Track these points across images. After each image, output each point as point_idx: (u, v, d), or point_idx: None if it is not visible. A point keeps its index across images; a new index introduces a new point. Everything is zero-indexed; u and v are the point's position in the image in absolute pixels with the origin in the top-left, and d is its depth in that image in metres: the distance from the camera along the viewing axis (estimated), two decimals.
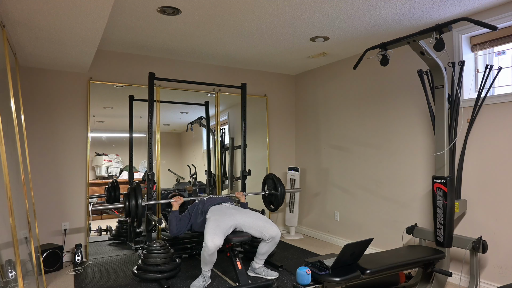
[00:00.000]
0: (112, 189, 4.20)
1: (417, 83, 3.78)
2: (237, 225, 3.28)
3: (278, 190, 4.09)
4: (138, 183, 3.57)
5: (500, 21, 3.06)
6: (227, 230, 3.18)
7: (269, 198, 4.30)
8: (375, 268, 2.57)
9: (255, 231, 3.28)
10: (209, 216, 3.30)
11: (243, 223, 3.30)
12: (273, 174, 4.23)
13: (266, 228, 3.29)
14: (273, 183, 4.18)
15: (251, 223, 3.30)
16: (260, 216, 3.43)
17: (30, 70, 3.94)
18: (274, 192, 4.16)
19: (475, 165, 3.27)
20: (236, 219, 3.28)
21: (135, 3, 2.92)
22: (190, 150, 4.96)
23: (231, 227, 3.23)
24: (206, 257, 3.07)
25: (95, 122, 4.26)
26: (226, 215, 3.29)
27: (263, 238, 3.31)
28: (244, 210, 3.50)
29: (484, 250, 2.83)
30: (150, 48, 4.25)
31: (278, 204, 4.15)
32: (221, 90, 5.06)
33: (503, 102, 3.07)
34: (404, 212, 3.91)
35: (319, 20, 3.37)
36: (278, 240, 3.35)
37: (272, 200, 4.24)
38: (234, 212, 3.37)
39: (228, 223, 3.20)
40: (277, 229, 3.33)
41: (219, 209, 3.41)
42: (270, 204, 4.31)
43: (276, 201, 4.16)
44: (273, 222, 3.42)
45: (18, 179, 2.79)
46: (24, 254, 2.87)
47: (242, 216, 3.34)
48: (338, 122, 4.84)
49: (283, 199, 4.12)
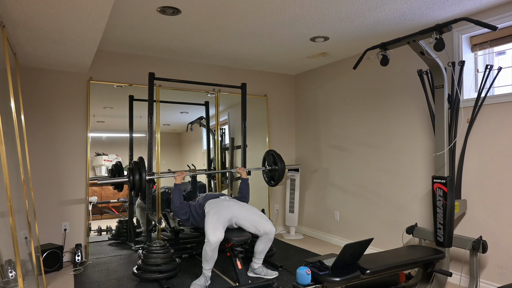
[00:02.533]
0: (116, 170, 4.21)
1: (417, 83, 3.78)
2: (233, 217, 3.33)
3: (278, 165, 4.20)
4: (141, 158, 3.61)
5: (500, 21, 3.06)
6: (226, 222, 3.24)
7: (269, 174, 4.38)
8: (375, 268, 2.57)
9: (250, 225, 3.33)
10: (208, 209, 3.35)
11: (239, 215, 3.34)
12: (273, 150, 4.30)
13: (260, 223, 3.33)
14: (273, 159, 4.26)
15: (246, 216, 3.35)
16: (256, 211, 3.48)
17: (30, 70, 3.94)
18: (275, 167, 4.24)
19: (475, 165, 3.27)
20: (232, 211, 3.34)
21: (135, 3, 2.92)
22: (190, 150, 4.96)
23: (229, 219, 3.29)
24: (208, 252, 3.09)
25: (95, 122, 4.26)
26: (223, 207, 3.35)
27: (258, 234, 3.35)
28: (242, 203, 3.55)
29: (484, 250, 2.83)
30: (150, 48, 4.25)
31: (278, 179, 4.25)
32: (221, 90, 5.05)
33: (503, 102, 3.07)
34: (404, 212, 3.91)
35: (319, 20, 3.37)
36: (272, 237, 3.38)
37: (273, 175, 4.32)
38: (231, 204, 3.44)
39: (225, 215, 3.27)
40: (271, 225, 3.37)
41: (217, 201, 3.47)
42: (271, 179, 4.39)
43: (276, 176, 4.25)
44: (271, 221, 3.45)
45: (18, 179, 2.79)
46: (24, 254, 2.86)
47: (239, 208, 3.40)
48: (338, 122, 4.84)
49: (283, 174, 4.23)
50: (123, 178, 3.53)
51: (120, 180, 3.55)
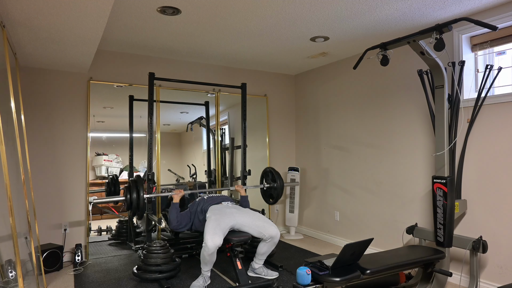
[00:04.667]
0: (112, 184, 4.20)
1: (417, 83, 3.78)
2: (236, 225, 3.28)
3: (277, 182, 4.14)
4: (139, 176, 3.58)
5: (500, 21, 3.06)
6: (227, 230, 3.19)
7: (268, 192, 4.32)
8: (375, 268, 2.57)
9: (255, 231, 3.29)
10: (209, 215, 3.31)
11: (243, 222, 3.30)
12: (271, 167, 4.25)
13: (265, 228, 3.30)
14: (272, 176, 4.22)
15: (250, 222, 3.31)
16: (259, 216, 3.44)
17: (30, 70, 3.94)
18: (273, 184, 4.19)
19: (475, 165, 3.27)
20: (235, 219, 3.29)
21: (135, 3, 2.92)
22: (190, 150, 4.96)
23: (230, 227, 3.24)
24: (206, 256, 3.07)
25: (95, 122, 4.26)
26: (226, 214, 3.29)
27: (263, 238, 3.32)
28: (244, 210, 3.51)
29: (484, 250, 2.83)
30: (150, 48, 4.25)
31: (277, 197, 4.19)
32: (221, 90, 5.05)
33: (503, 102, 3.07)
34: (404, 212, 3.91)
35: (319, 20, 3.37)
36: (277, 240, 3.35)
37: (272, 193, 4.27)
38: (234, 211, 3.38)
39: (228, 222, 3.21)
40: (276, 229, 3.34)
41: (219, 208, 3.42)
42: (269, 197, 4.34)
43: (275, 194, 4.20)
44: (273, 222, 3.43)
45: (18, 179, 2.79)
46: (24, 254, 2.86)
47: (242, 215, 3.35)
48: (338, 122, 4.84)
49: (282, 191, 4.17)
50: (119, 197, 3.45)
51: (116, 199, 3.48)
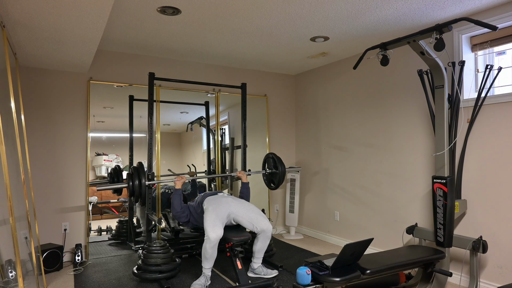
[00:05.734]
0: (115, 174, 4.20)
1: (417, 83, 3.78)
2: (231, 214, 3.35)
3: (279, 169, 4.15)
4: (140, 163, 3.61)
5: (500, 21, 3.06)
6: (224, 219, 3.27)
7: (269, 177, 4.34)
8: (375, 268, 2.57)
9: (247, 222, 3.34)
10: (206, 206, 3.37)
11: (237, 212, 3.36)
12: (273, 153, 4.26)
13: (258, 220, 3.34)
14: (274, 162, 4.23)
15: (244, 213, 3.37)
16: (254, 208, 3.49)
17: (30, 70, 3.94)
18: (275, 170, 4.20)
19: (475, 165, 3.27)
20: (230, 207, 3.36)
21: (135, 3, 2.92)
22: (190, 150, 4.96)
23: (227, 216, 3.32)
24: (208, 249, 3.10)
25: (95, 122, 4.26)
26: (221, 203, 3.37)
27: (255, 231, 3.36)
28: (240, 200, 3.57)
29: (484, 250, 2.83)
30: (150, 48, 4.25)
31: (278, 183, 4.20)
32: (221, 90, 5.05)
33: (503, 102, 3.07)
34: (404, 212, 3.91)
35: (319, 20, 3.37)
36: (269, 235, 3.39)
37: (273, 179, 4.28)
38: (230, 200, 3.46)
39: (224, 211, 3.30)
40: (268, 223, 3.38)
41: (215, 198, 3.49)
42: (271, 182, 4.35)
43: (277, 180, 4.20)
44: (271, 220, 3.44)
45: (18, 179, 2.79)
46: (24, 254, 2.86)
47: (237, 205, 3.42)
48: (338, 122, 4.84)
49: (283, 177, 4.18)
50: (122, 184, 3.54)
51: (119, 186, 3.55)
